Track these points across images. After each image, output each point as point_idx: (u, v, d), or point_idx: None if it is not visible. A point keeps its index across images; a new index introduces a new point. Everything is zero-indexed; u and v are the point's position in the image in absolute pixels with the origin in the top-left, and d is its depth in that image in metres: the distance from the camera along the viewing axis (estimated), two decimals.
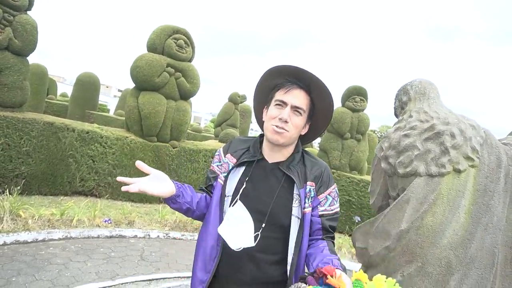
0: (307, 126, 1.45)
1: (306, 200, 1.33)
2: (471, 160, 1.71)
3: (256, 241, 1.28)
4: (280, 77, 1.39)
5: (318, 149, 9.93)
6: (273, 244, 1.31)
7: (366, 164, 9.48)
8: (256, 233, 1.29)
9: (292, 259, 1.28)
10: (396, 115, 2.17)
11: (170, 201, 1.33)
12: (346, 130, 8.44)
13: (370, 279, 1.05)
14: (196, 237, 5.44)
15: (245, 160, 1.41)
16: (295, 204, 1.32)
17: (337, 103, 9.06)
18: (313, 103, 1.40)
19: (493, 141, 1.81)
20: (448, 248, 1.65)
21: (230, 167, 1.42)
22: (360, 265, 2.06)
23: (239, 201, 1.33)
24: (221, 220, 1.34)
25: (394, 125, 2.04)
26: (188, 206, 1.39)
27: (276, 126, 1.32)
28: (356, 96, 8.51)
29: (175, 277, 4.03)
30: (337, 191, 1.46)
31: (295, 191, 1.33)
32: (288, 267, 1.28)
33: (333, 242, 1.41)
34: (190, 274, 4.15)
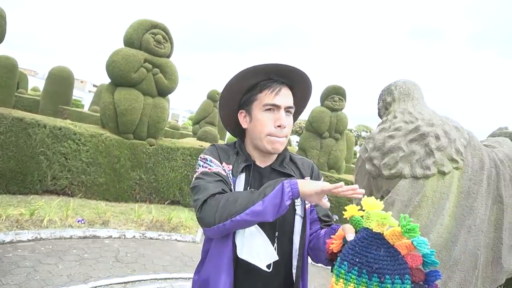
0: None
1: None
2: (455, 162, 1.71)
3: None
4: (257, 77, 1.26)
5: (297, 148, 9.96)
6: (286, 253, 1.22)
7: (344, 163, 9.58)
8: (274, 245, 1.19)
9: (298, 261, 1.20)
10: (380, 116, 2.15)
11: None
12: (325, 129, 8.50)
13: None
14: (173, 237, 5.33)
15: (245, 164, 1.27)
16: (298, 202, 1.25)
17: (316, 103, 9.11)
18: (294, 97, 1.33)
19: (476, 143, 1.82)
20: None
21: (231, 177, 1.26)
22: None
23: None
24: (233, 243, 1.16)
25: (378, 126, 2.02)
26: None
27: (277, 137, 1.22)
28: (335, 95, 8.58)
29: (151, 279, 3.91)
30: None
31: None
32: (294, 271, 1.20)
33: None
34: (167, 275, 4.07)
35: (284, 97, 1.24)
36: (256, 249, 1.15)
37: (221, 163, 1.27)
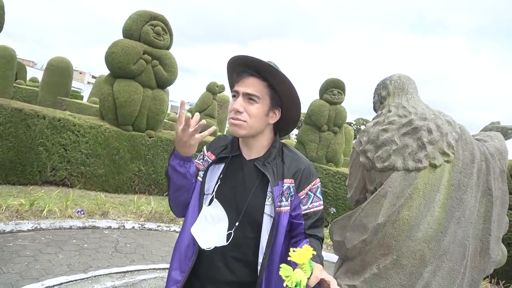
0: (277, 114, 1.35)
1: (283, 198, 1.28)
2: (446, 155, 1.75)
3: (229, 240, 1.25)
4: (236, 71, 1.34)
5: (296, 141, 10.00)
6: (245, 243, 1.28)
7: (342, 156, 9.63)
8: (229, 231, 1.26)
9: (263, 259, 1.23)
10: (375, 110, 2.19)
11: (179, 161, 1.29)
12: (324, 123, 8.52)
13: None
14: (172, 228, 5.40)
15: (222, 156, 1.37)
16: (268, 201, 1.27)
17: (315, 96, 9.12)
18: (274, 89, 1.31)
19: (468, 137, 1.86)
20: (422, 241, 1.69)
21: (208, 164, 1.38)
22: (336, 257, 2.09)
23: (215, 200, 1.30)
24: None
25: (373, 119, 2.06)
26: (186, 182, 1.34)
27: (232, 118, 1.29)
28: (333, 89, 8.59)
29: (150, 269, 3.97)
30: (320, 186, 1.40)
31: (269, 189, 1.27)
32: (258, 268, 1.23)
33: (320, 241, 1.32)
34: (166, 265, 4.13)
35: (245, 84, 1.28)
36: (210, 229, 1.27)
37: (207, 153, 1.44)
